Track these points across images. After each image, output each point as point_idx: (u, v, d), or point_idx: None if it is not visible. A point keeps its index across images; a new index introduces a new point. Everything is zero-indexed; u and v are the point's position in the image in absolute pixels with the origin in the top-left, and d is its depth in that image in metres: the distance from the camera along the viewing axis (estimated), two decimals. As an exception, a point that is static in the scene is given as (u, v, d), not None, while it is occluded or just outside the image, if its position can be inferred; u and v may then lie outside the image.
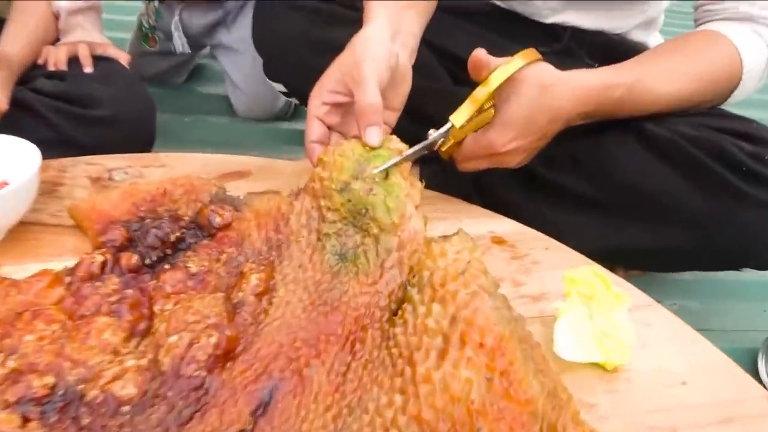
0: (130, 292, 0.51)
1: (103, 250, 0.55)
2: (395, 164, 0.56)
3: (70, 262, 0.54)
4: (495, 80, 0.60)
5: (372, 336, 0.49)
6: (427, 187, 0.83)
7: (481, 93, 0.61)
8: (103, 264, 0.53)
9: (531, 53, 0.63)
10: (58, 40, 0.93)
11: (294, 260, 0.55)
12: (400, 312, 0.49)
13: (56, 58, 0.86)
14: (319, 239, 0.56)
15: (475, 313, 0.45)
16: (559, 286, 0.58)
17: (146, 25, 1.30)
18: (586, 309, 0.52)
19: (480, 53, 0.59)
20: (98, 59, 0.89)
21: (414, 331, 0.46)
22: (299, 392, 0.44)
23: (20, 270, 0.57)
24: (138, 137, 0.89)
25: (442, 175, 0.87)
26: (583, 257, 0.63)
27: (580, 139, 0.71)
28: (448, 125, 0.61)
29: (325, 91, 0.59)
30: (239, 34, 1.28)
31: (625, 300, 0.52)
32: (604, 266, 0.64)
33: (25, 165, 0.61)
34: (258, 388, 0.44)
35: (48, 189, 0.70)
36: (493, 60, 0.60)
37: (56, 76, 0.84)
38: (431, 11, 0.71)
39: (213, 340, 0.45)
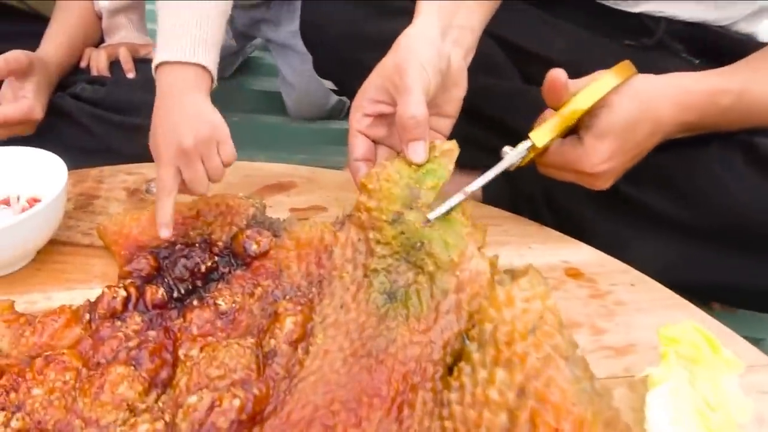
0: (152, 334, 0.46)
1: (128, 281, 0.50)
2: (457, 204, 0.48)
3: (97, 290, 0.50)
4: (584, 102, 0.50)
5: (423, 399, 0.41)
6: (490, 202, 0.74)
7: (568, 111, 0.51)
8: (126, 299, 0.48)
9: (625, 68, 0.52)
10: (103, 41, 0.89)
11: (336, 299, 0.48)
12: (456, 371, 0.41)
13: (97, 63, 0.82)
14: (365, 275, 0.49)
15: (549, 386, 0.37)
16: (649, 335, 0.49)
17: None
18: (688, 374, 0.42)
19: (558, 75, 0.49)
20: (141, 62, 0.84)
21: (473, 401, 0.38)
22: (335, 472, 0.37)
23: (45, 299, 0.53)
24: None
25: (506, 187, 0.78)
26: (678, 298, 0.53)
27: (673, 152, 0.60)
28: (526, 144, 0.52)
29: (367, 101, 0.52)
30: (289, 29, 1.21)
31: (738, 365, 0.42)
32: (697, 303, 0.54)
33: (53, 181, 0.57)
34: (287, 464, 0.37)
35: (83, 202, 0.66)
36: (574, 83, 0.51)
37: (98, 81, 0.80)
38: (496, 2, 0.61)
39: (237, 402, 0.39)
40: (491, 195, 0.77)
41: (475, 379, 0.39)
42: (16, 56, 0.67)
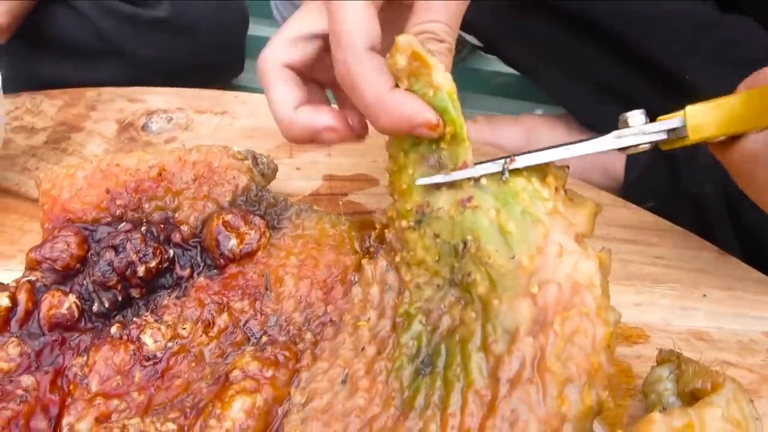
0: (27, 382, 0.27)
1: (26, 279, 0.31)
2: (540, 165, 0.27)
3: (16, 273, 0.32)
4: None
5: None
6: (632, 198, 0.47)
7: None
8: (9, 311, 0.30)
9: None
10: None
11: (338, 364, 0.27)
12: None
13: None
14: (393, 327, 0.27)
15: None
16: None
17: None
18: None
19: None
20: None
21: None
22: None
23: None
24: (216, 53, 0.64)
25: (662, 177, 0.51)
26: None
27: None
28: (672, 123, 0.27)
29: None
30: None
31: None
32: None
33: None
34: None
35: (60, 135, 0.49)
36: None
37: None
38: None
39: None
40: (635, 187, 0.50)
41: None
42: None
